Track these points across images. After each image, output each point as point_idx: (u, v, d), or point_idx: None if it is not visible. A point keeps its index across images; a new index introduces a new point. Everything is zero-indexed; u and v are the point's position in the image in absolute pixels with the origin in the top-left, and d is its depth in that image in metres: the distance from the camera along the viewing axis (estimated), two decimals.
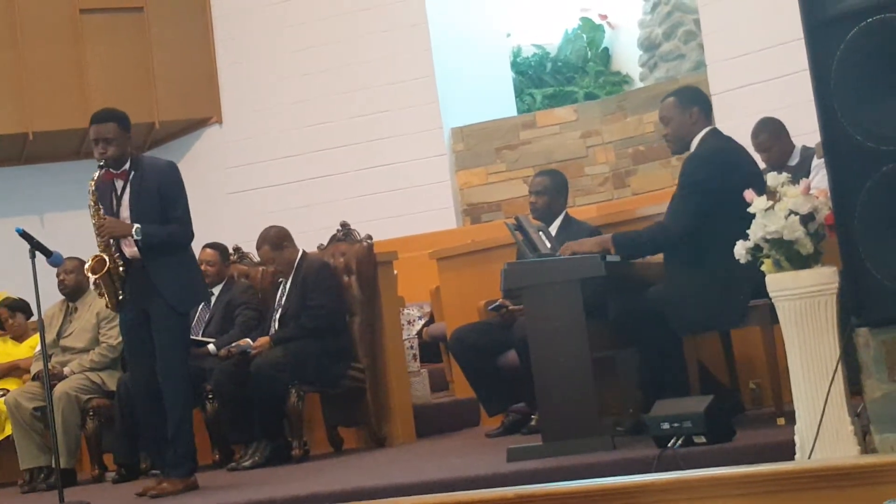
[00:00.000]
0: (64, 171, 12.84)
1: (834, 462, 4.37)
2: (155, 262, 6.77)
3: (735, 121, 8.19)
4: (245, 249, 9.33)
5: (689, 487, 4.32)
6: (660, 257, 6.50)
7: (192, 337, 8.26)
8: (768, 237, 5.05)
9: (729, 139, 6.41)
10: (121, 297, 6.79)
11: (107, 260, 6.71)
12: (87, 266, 6.87)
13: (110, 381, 8.60)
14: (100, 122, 6.80)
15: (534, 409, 7.15)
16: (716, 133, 6.38)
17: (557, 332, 6.12)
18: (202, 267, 8.51)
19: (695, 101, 6.42)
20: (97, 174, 6.76)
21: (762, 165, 7.55)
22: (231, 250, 9.18)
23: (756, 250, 5.14)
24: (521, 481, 5.37)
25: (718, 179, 6.05)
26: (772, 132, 7.99)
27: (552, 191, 7.76)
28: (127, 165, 6.83)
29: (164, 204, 6.82)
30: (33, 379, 8.89)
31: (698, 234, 6.13)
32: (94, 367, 8.68)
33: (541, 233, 6.85)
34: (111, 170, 6.80)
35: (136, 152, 7.06)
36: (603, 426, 6.19)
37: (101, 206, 6.78)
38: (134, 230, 6.69)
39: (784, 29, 9.77)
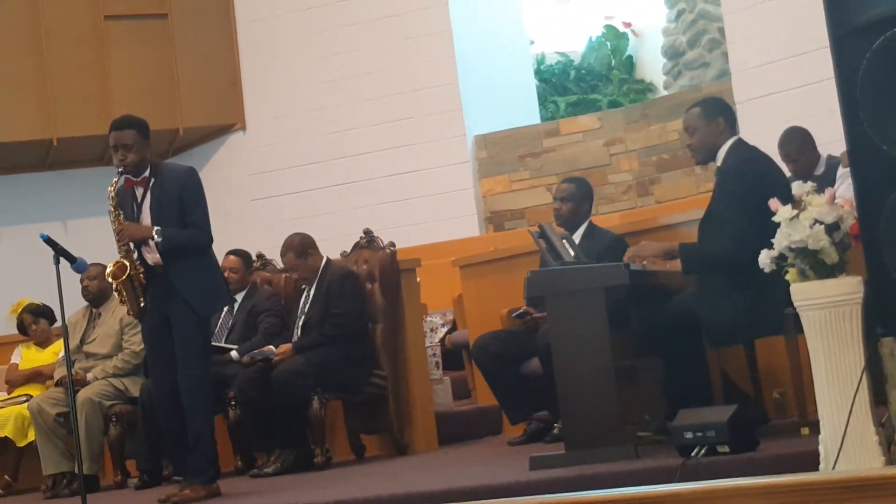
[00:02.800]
0: (88, 178, 12.87)
1: (859, 473, 4.34)
2: (176, 266, 6.78)
3: (760, 129, 8.15)
4: (268, 256, 9.34)
5: (713, 497, 4.29)
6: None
7: (214, 344, 8.27)
8: (793, 246, 5.03)
9: (755, 149, 6.38)
10: (142, 305, 6.81)
11: (127, 265, 6.73)
12: (107, 271, 6.89)
13: (133, 387, 8.62)
14: (119, 128, 6.82)
15: (556, 417, 7.14)
16: (742, 143, 6.36)
17: (580, 341, 6.11)
18: (225, 274, 8.51)
19: (720, 112, 6.40)
20: (116, 180, 6.78)
21: (787, 174, 7.51)
22: (254, 257, 9.20)
23: (781, 259, 5.12)
24: (543, 490, 5.36)
25: (754, 191, 6.00)
26: (801, 143, 7.95)
27: (577, 198, 7.76)
28: (147, 172, 6.85)
29: (184, 208, 6.83)
30: (56, 385, 8.92)
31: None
32: (117, 374, 8.70)
33: (564, 241, 6.84)
34: (131, 177, 6.82)
35: (157, 159, 7.07)
36: (626, 435, 6.18)
37: (120, 212, 6.79)
38: (154, 232, 6.71)
39: (809, 37, 9.74)
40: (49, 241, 6.72)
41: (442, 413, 8.96)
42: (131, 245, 6.80)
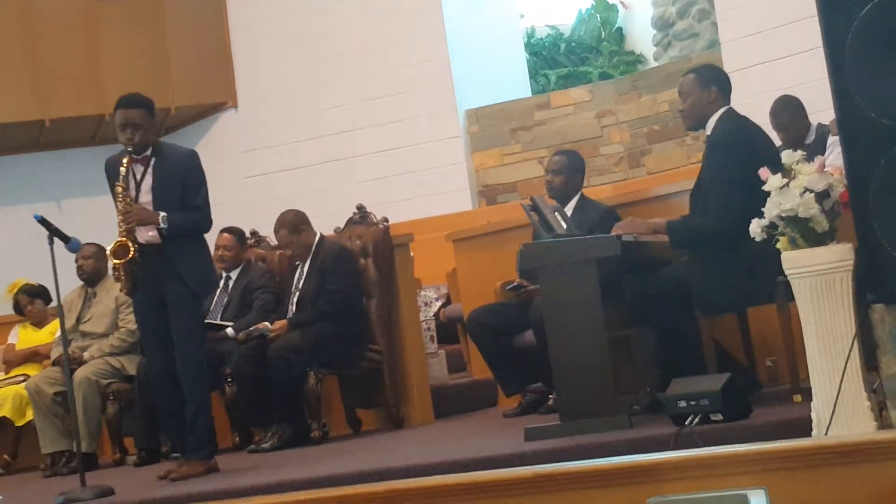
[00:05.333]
0: (80, 158, 12.87)
1: (851, 439, 4.38)
2: (174, 248, 6.79)
3: (749, 99, 8.15)
4: (262, 233, 9.36)
5: (707, 465, 4.34)
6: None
7: (210, 321, 8.31)
8: (783, 215, 5.05)
9: (745, 119, 6.40)
10: (134, 282, 6.80)
11: (130, 246, 6.72)
12: (109, 249, 6.87)
13: (130, 365, 8.64)
14: (128, 107, 6.78)
15: (551, 388, 7.18)
16: (732, 113, 6.37)
17: (573, 312, 6.14)
18: (219, 252, 8.58)
19: (714, 81, 6.42)
20: (126, 160, 6.76)
21: (778, 143, 7.53)
22: (248, 234, 9.21)
23: (771, 228, 5.15)
24: (538, 461, 5.39)
25: (742, 162, 6.02)
26: (791, 112, 7.96)
27: (569, 170, 7.77)
28: (148, 152, 6.85)
29: (186, 192, 6.84)
30: (53, 364, 8.94)
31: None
32: (113, 352, 8.73)
33: (556, 213, 6.86)
34: (133, 155, 6.82)
35: (156, 138, 7.07)
36: (620, 405, 6.21)
37: (129, 193, 6.77)
38: (160, 218, 6.72)
39: (797, 6, 9.77)
40: (43, 221, 6.73)
41: (437, 386, 8.99)
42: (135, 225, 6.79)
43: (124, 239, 6.72)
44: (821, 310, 4.96)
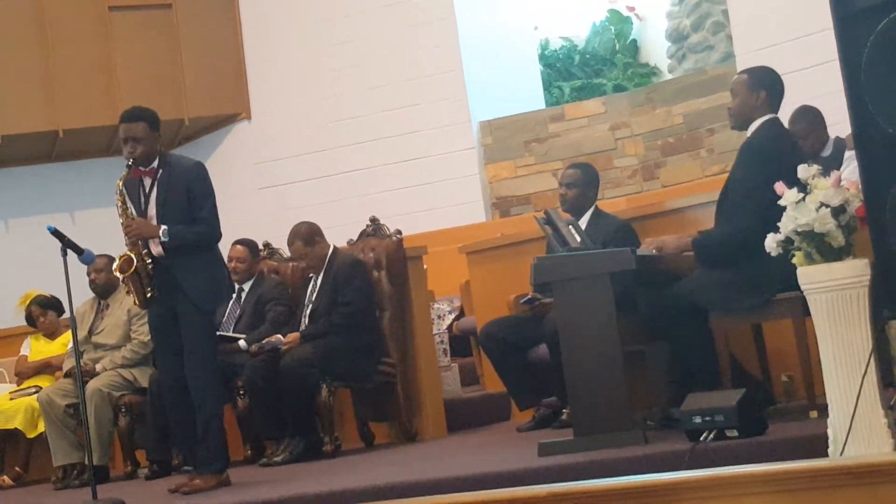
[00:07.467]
0: (94, 169, 12.89)
1: (869, 459, 4.35)
2: (179, 261, 6.77)
3: None
4: (275, 245, 9.35)
5: (723, 485, 4.30)
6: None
7: (222, 333, 8.29)
8: (799, 230, 5.02)
9: (787, 131, 6.40)
10: (149, 295, 6.79)
11: (134, 259, 6.71)
12: (114, 266, 6.89)
13: (142, 377, 8.63)
14: (129, 121, 6.80)
15: (565, 403, 7.14)
16: (776, 122, 6.33)
17: (588, 326, 6.11)
18: (232, 264, 8.55)
19: (764, 86, 6.36)
20: (125, 174, 6.77)
21: None
22: (261, 246, 9.20)
23: (787, 243, 5.12)
24: (552, 476, 5.37)
25: (770, 167, 5.99)
26: (810, 122, 7.92)
27: (583, 183, 7.73)
28: (155, 163, 6.84)
29: (192, 204, 6.82)
30: (66, 376, 8.94)
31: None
32: (125, 364, 8.72)
33: (570, 226, 6.84)
34: (139, 167, 6.81)
35: (164, 150, 7.05)
36: (634, 420, 6.18)
37: (129, 206, 6.78)
38: (161, 232, 6.70)
39: (813, 19, 9.74)
40: (56, 232, 6.73)
41: (450, 400, 8.97)
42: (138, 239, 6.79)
43: (128, 253, 6.72)
44: (837, 325, 4.93)
